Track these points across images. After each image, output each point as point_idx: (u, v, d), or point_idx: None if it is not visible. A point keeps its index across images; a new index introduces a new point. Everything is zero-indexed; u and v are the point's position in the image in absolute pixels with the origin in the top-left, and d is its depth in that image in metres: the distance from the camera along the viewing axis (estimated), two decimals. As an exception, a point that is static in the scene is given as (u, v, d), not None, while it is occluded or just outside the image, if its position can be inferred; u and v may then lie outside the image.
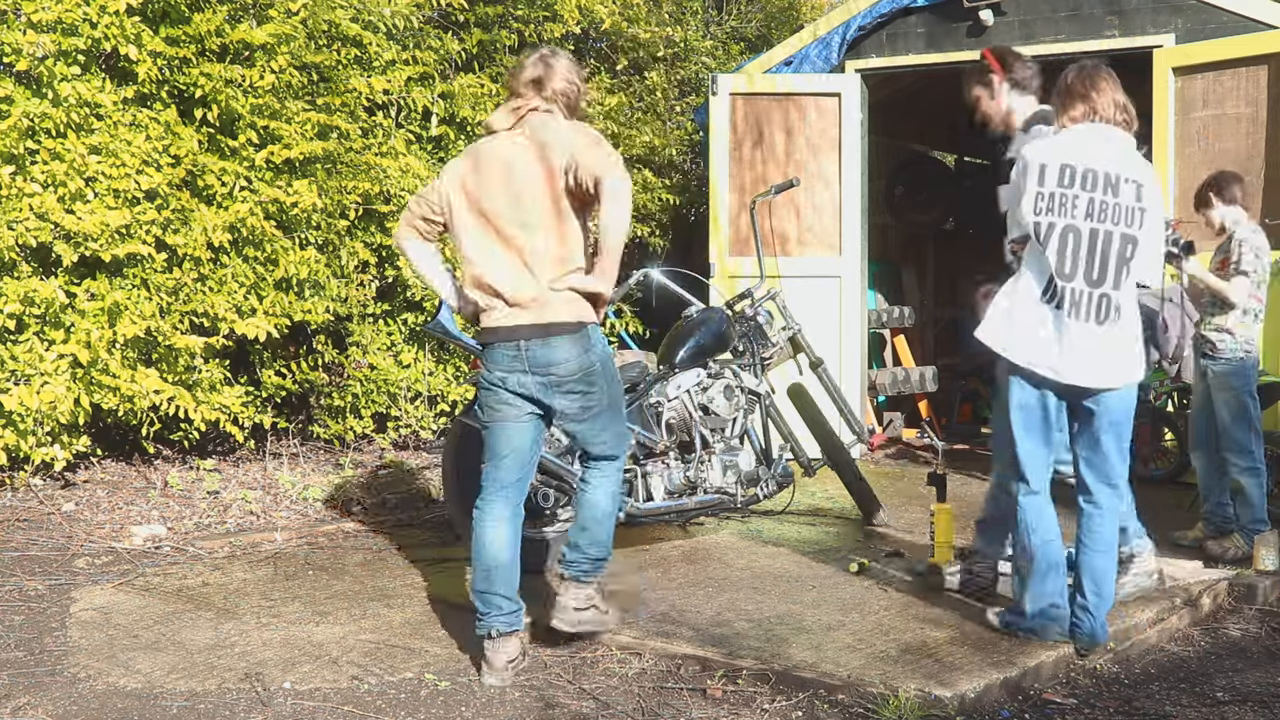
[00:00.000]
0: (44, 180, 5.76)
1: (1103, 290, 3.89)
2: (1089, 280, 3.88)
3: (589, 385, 3.83)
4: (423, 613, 4.53)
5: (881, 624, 4.27)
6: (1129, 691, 3.83)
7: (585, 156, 3.64)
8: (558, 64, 3.84)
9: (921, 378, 9.51)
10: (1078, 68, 4.06)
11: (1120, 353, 3.94)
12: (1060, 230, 3.87)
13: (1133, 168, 3.96)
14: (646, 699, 3.67)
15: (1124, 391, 3.97)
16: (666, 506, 5.32)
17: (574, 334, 3.76)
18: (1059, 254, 3.87)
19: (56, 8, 5.74)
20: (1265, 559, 4.97)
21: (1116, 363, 3.93)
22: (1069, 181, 3.88)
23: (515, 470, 3.93)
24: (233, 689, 3.72)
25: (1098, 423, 3.97)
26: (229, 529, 5.93)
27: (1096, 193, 3.88)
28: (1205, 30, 7.22)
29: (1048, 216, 3.89)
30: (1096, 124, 3.96)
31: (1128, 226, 3.90)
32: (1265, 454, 5.50)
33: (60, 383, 5.71)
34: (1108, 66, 4.07)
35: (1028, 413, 3.99)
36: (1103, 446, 3.99)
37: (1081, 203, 3.87)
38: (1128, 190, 3.91)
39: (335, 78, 7.06)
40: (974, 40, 7.90)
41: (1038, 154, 3.97)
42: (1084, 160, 3.90)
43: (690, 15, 10.34)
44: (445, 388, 7.52)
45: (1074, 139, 3.96)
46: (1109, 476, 4.02)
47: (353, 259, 7.14)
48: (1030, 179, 3.92)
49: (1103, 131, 3.96)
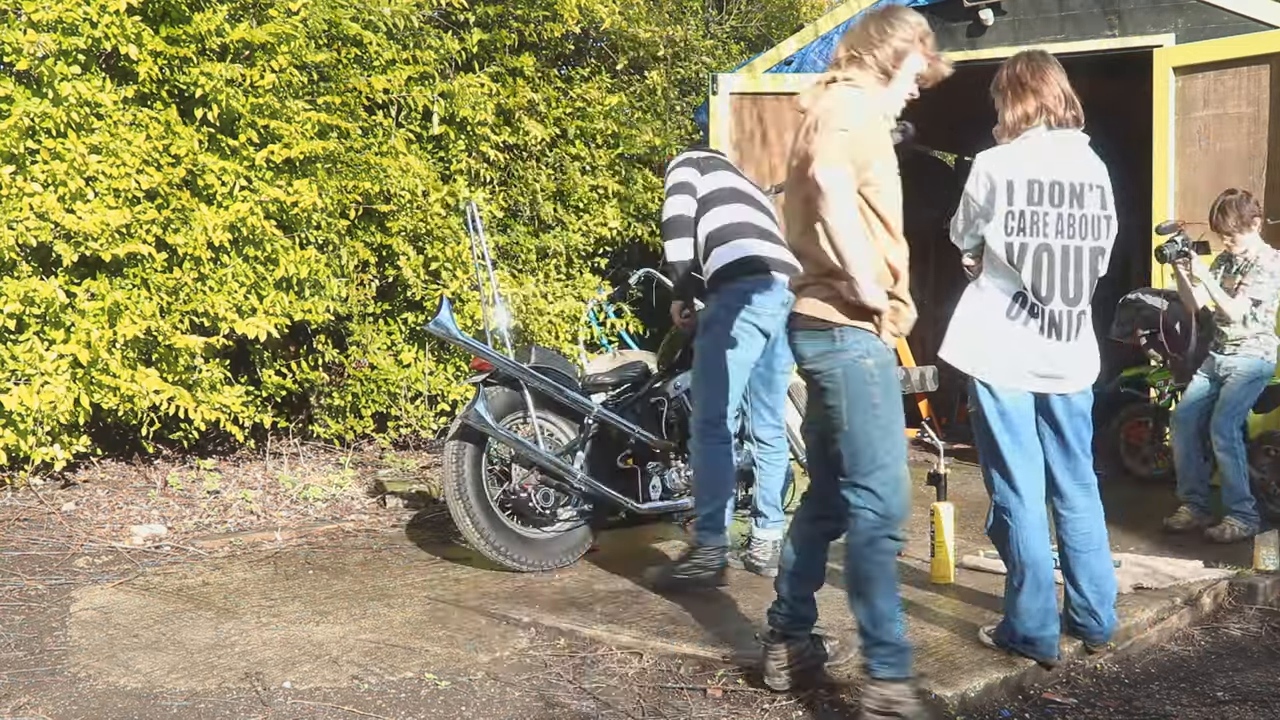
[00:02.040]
0: (44, 180, 5.76)
1: (1080, 308, 3.82)
2: (1066, 299, 3.79)
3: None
4: (423, 613, 4.54)
5: (882, 623, 4.26)
6: (1129, 691, 3.83)
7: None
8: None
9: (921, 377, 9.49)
10: (1025, 57, 3.91)
11: (1087, 355, 3.90)
12: (1034, 250, 3.75)
13: (1093, 172, 3.86)
14: (647, 698, 3.67)
15: (1088, 389, 3.94)
16: (666, 506, 5.31)
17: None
18: (1034, 275, 3.76)
19: (57, 7, 5.74)
20: (1265, 559, 4.97)
21: (1085, 365, 3.89)
22: (1038, 198, 3.75)
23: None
24: (233, 688, 3.72)
25: (1066, 424, 3.90)
26: (229, 528, 5.93)
27: (1064, 207, 3.77)
28: (1205, 30, 7.22)
29: (1019, 237, 3.75)
30: (1054, 130, 3.82)
31: (1095, 238, 3.83)
32: (1266, 454, 5.89)
33: (60, 382, 5.71)
34: (1051, 55, 3.93)
35: (1008, 420, 3.85)
36: (1073, 447, 3.93)
37: (1052, 219, 3.76)
38: (1092, 199, 3.82)
39: (335, 77, 7.07)
40: (974, 40, 7.91)
41: (1001, 169, 3.80)
42: (1049, 173, 3.77)
43: (690, 15, 10.34)
44: (445, 387, 7.53)
45: (1034, 149, 3.81)
46: (1084, 477, 3.97)
47: (353, 258, 7.14)
48: (999, 197, 3.78)
49: (1060, 136, 3.82)
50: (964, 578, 4.84)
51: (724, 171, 4.99)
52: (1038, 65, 3.86)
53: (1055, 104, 3.81)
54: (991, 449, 3.91)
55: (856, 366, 3.35)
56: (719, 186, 4.90)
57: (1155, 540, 5.58)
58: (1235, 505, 5.59)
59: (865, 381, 3.35)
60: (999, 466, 3.91)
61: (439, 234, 7.43)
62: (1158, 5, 7.43)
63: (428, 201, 7.35)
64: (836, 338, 3.35)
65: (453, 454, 5.00)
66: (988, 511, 4.02)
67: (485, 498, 5.02)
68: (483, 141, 8.01)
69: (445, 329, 5.15)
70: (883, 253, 3.40)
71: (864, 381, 3.35)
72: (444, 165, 8.01)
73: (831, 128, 3.25)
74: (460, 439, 5.02)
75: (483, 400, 5.00)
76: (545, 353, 5.45)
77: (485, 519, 4.98)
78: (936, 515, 4.82)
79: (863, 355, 3.34)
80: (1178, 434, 5.83)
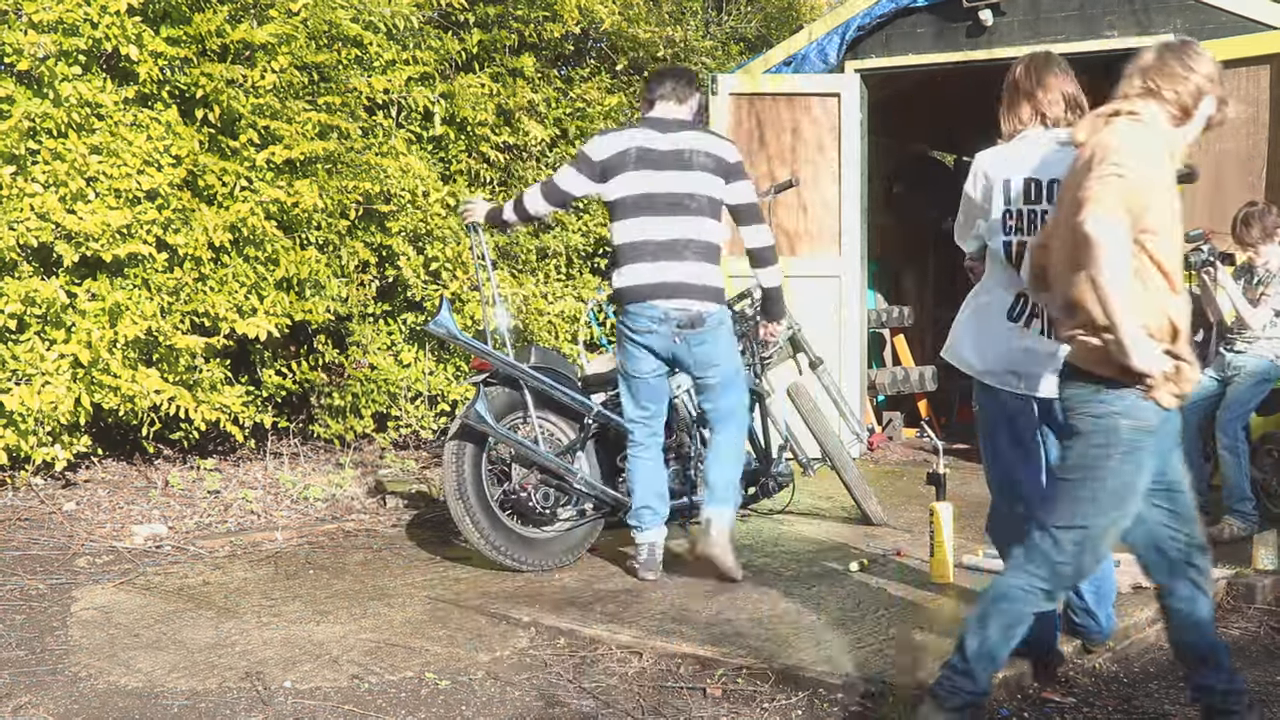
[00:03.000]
0: (45, 180, 5.77)
1: None
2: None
3: None
4: (423, 612, 4.54)
5: (881, 622, 4.27)
6: (1128, 690, 3.84)
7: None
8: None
9: (921, 377, 9.52)
10: (1026, 61, 3.89)
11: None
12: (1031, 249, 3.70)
13: None
14: (647, 698, 3.68)
15: None
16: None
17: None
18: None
19: (57, 8, 5.74)
20: (1264, 558, 4.98)
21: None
22: (1035, 196, 3.73)
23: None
24: (233, 688, 3.73)
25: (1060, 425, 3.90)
26: (230, 528, 5.93)
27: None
28: (1205, 30, 7.23)
29: (1017, 236, 3.74)
30: (1050, 129, 3.79)
31: None
32: (1268, 455, 5.93)
33: (61, 383, 5.72)
34: (1059, 57, 3.91)
35: (1009, 420, 3.84)
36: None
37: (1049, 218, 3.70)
38: None
39: (336, 77, 7.07)
40: (973, 40, 7.91)
41: (998, 168, 3.79)
42: (1047, 171, 3.74)
43: (690, 15, 10.34)
44: (445, 387, 7.53)
45: (1032, 148, 3.79)
46: None
47: (353, 259, 7.15)
48: (996, 196, 3.77)
49: (1060, 135, 3.78)
50: (963, 577, 4.85)
51: (631, 173, 4.87)
52: (1034, 69, 3.85)
53: (1050, 106, 3.80)
54: (994, 449, 3.92)
55: (1106, 423, 3.15)
56: (625, 194, 4.86)
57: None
58: (1235, 505, 5.60)
59: (1108, 443, 3.15)
60: (1000, 466, 3.92)
61: (439, 234, 7.43)
62: (1157, 5, 7.44)
63: (428, 202, 7.36)
64: (1100, 390, 3.16)
65: (453, 454, 5.01)
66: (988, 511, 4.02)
67: (485, 497, 5.03)
68: (483, 142, 8.01)
69: (445, 329, 5.15)
70: (1161, 307, 3.14)
71: (1107, 442, 3.15)
72: (444, 165, 8.01)
73: (1108, 172, 3.03)
74: (460, 439, 5.02)
75: (483, 400, 5.00)
76: (545, 353, 5.46)
77: (485, 519, 4.98)
78: (936, 515, 4.83)
79: (1119, 414, 3.15)
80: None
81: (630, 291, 4.82)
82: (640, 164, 4.84)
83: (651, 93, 5.02)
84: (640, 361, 4.91)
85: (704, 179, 4.83)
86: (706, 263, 4.83)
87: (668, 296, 4.78)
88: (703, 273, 4.81)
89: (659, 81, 5.02)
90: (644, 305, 4.80)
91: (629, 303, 4.84)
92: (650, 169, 4.83)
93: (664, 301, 4.78)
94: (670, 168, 4.82)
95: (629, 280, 4.83)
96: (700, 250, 4.81)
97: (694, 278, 4.79)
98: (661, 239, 4.79)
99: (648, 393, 4.96)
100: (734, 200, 4.89)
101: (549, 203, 5.06)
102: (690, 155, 4.82)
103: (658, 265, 4.79)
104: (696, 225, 4.81)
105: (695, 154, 4.82)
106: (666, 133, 4.88)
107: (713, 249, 4.86)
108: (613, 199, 4.89)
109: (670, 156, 4.83)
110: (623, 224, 4.86)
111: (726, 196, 4.87)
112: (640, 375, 4.93)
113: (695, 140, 4.87)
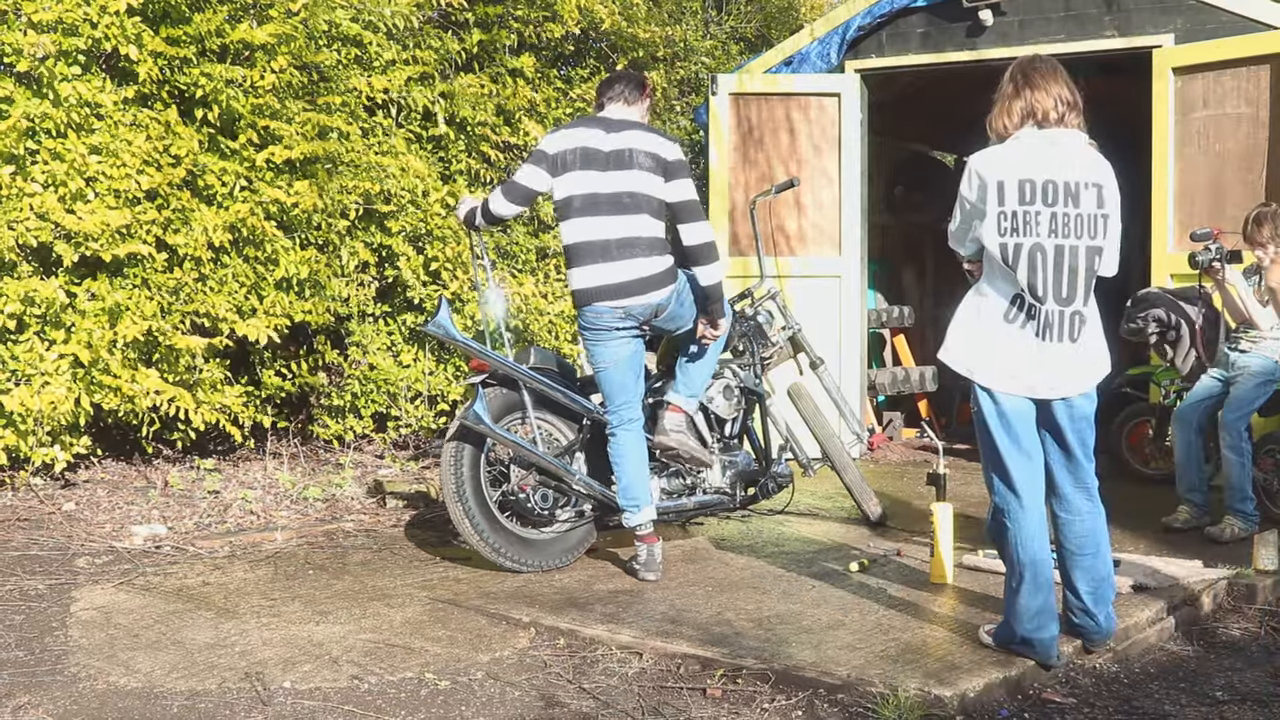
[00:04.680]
0: (44, 180, 5.77)
1: (1074, 308, 3.79)
2: (1059, 299, 3.76)
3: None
4: (423, 612, 4.54)
5: (881, 623, 4.27)
6: (1128, 691, 3.84)
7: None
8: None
9: (921, 377, 9.52)
10: (1019, 64, 3.90)
11: (1089, 358, 3.87)
12: (1028, 250, 3.73)
13: (1089, 169, 3.82)
14: (647, 698, 3.68)
15: (1092, 392, 3.93)
16: (666, 506, 5.32)
17: None
18: (1030, 275, 3.74)
19: (57, 8, 5.75)
20: (1264, 559, 4.98)
21: (1087, 368, 3.86)
22: (1030, 197, 3.73)
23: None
24: (233, 688, 3.72)
25: (1069, 427, 3.89)
26: (229, 528, 5.93)
27: (1058, 206, 3.74)
28: (1205, 30, 7.23)
29: (1013, 238, 3.74)
30: (1044, 129, 3.80)
31: (1091, 238, 3.79)
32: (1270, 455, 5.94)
33: (61, 383, 5.72)
34: (1051, 58, 3.92)
35: (1007, 422, 3.85)
36: (1074, 451, 3.91)
37: (1044, 219, 3.73)
38: (1088, 197, 3.78)
39: (335, 77, 7.07)
40: (973, 40, 7.91)
41: (992, 170, 3.79)
42: (1041, 172, 3.74)
43: (690, 15, 10.34)
44: (445, 387, 7.53)
45: (1024, 150, 3.80)
46: (1085, 481, 3.96)
47: (353, 259, 7.15)
48: (990, 198, 3.77)
49: (1050, 136, 3.80)
50: (963, 578, 4.85)
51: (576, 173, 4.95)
52: (1026, 71, 3.86)
53: (1039, 106, 3.80)
54: (991, 450, 3.91)
55: None
56: (569, 194, 4.95)
57: (1155, 540, 5.58)
58: (1237, 505, 5.60)
59: None
60: (998, 468, 3.91)
61: (439, 234, 7.43)
62: (1157, 5, 7.43)
63: (428, 202, 7.36)
64: None
65: (451, 455, 5.00)
66: (987, 511, 4.02)
67: (484, 498, 5.03)
68: (483, 142, 8.01)
69: (444, 329, 5.15)
70: None
71: None
72: (444, 165, 8.01)
73: None
74: (459, 440, 5.02)
75: (481, 401, 5.00)
76: (544, 353, 5.45)
77: (484, 520, 4.98)
78: (935, 515, 4.83)
79: None
80: (1179, 432, 5.84)
81: (589, 293, 4.92)
82: (585, 164, 4.94)
83: (601, 94, 5.13)
84: (604, 354, 5.02)
85: (643, 178, 4.91)
86: (654, 255, 4.93)
87: (628, 295, 4.89)
88: (652, 264, 4.91)
89: (609, 85, 5.14)
90: (605, 305, 4.92)
91: (587, 304, 4.95)
92: (594, 169, 4.93)
93: (625, 301, 4.90)
94: (612, 167, 4.92)
95: (586, 282, 4.92)
96: (646, 245, 4.91)
97: (646, 271, 4.90)
98: (608, 238, 4.89)
99: (619, 376, 5.05)
100: (672, 198, 4.95)
101: (513, 201, 5.13)
102: (631, 154, 4.91)
103: (609, 266, 4.89)
104: (639, 223, 4.91)
105: (636, 153, 4.91)
106: (611, 132, 4.97)
107: (658, 242, 4.96)
108: (559, 199, 5.00)
109: (613, 156, 4.93)
110: (569, 224, 4.96)
111: (665, 195, 4.93)
112: (607, 365, 5.04)
113: (636, 139, 4.95)
